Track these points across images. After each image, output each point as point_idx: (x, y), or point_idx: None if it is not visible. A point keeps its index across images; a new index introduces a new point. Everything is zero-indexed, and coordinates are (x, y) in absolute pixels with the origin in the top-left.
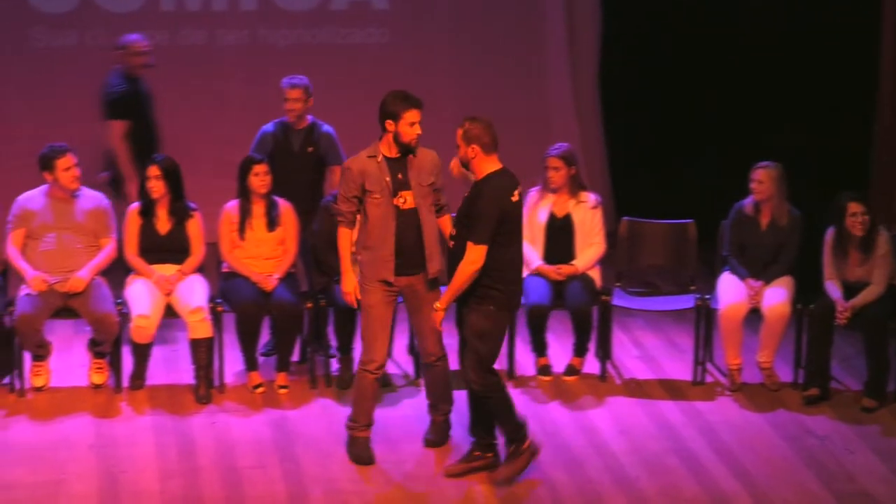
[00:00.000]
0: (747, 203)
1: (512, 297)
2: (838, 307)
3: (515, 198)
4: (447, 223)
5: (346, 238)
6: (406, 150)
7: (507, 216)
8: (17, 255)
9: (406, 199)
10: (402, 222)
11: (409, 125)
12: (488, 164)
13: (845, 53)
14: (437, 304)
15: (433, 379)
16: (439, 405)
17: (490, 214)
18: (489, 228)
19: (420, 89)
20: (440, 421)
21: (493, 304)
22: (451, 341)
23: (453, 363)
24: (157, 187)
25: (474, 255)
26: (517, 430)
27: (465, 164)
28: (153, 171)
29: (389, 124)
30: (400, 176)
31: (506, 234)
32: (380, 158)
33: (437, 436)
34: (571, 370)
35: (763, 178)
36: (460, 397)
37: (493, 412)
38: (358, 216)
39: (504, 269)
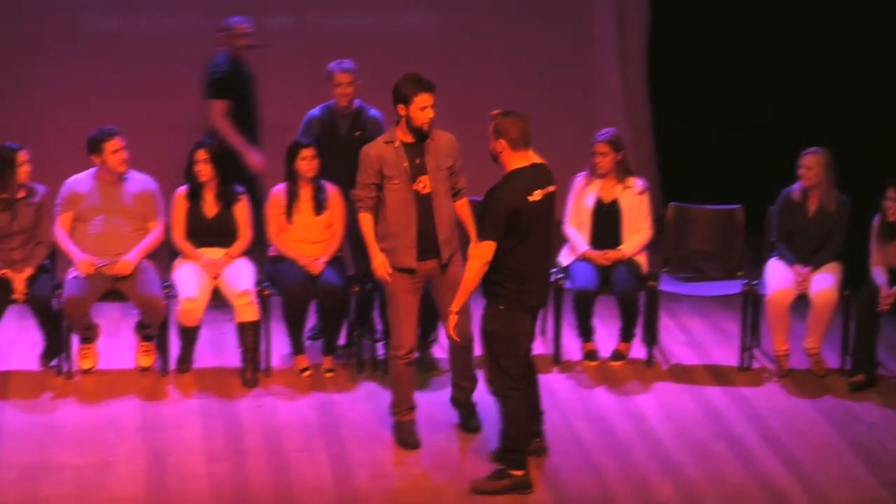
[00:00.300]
0: (795, 189)
1: (526, 297)
2: (882, 293)
3: (535, 196)
4: (464, 207)
5: (368, 221)
6: (419, 134)
7: (520, 214)
8: (65, 237)
9: (425, 184)
10: (422, 208)
11: (421, 109)
12: (516, 160)
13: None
14: (451, 308)
15: (454, 356)
16: (461, 382)
17: (498, 211)
18: (496, 225)
19: (467, 75)
20: (462, 398)
21: (504, 304)
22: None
23: None
24: (204, 171)
25: (479, 251)
26: (516, 450)
27: (494, 158)
28: (200, 154)
29: (401, 108)
30: (417, 161)
31: (519, 233)
32: (397, 144)
33: (464, 416)
34: (618, 355)
35: (812, 163)
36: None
37: (501, 417)
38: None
39: (515, 267)
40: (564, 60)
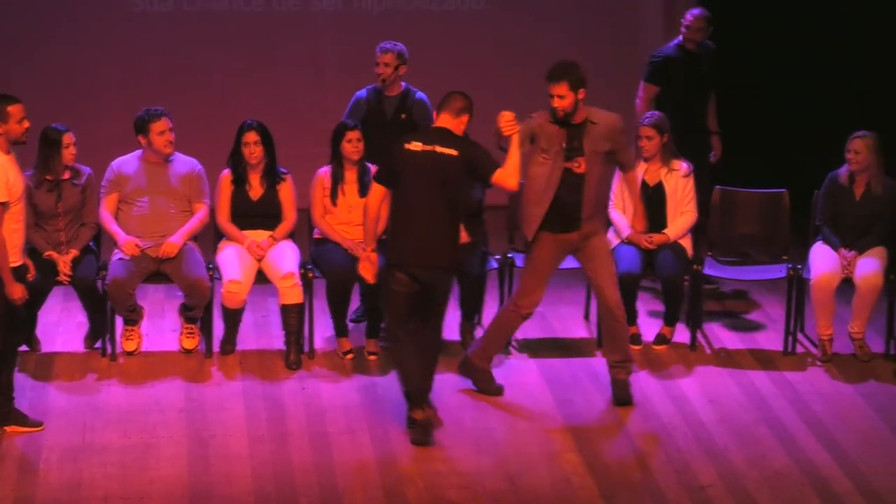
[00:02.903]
0: (842, 172)
1: (393, 253)
2: None
3: (413, 146)
4: (633, 180)
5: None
6: (559, 121)
7: (395, 161)
8: (110, 219)
9: (580, 164)
10: (572, 185)
11: (549, 97)
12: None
13: None
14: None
15: (608, 332)
16: (606, 356)
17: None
18: (380, 170)
19: (513, 58)
20: (622, 379)
21: (386, 258)
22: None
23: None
24: (255, 153)
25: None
26: (408, 394)
27: None
28: (251, 136)
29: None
30: (576, 142)
31: (397, 185)
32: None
33: (622, 393)
34: (661, 339)
35: (860, 147)
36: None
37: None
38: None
39: (393, 222)
40: (609, 42)
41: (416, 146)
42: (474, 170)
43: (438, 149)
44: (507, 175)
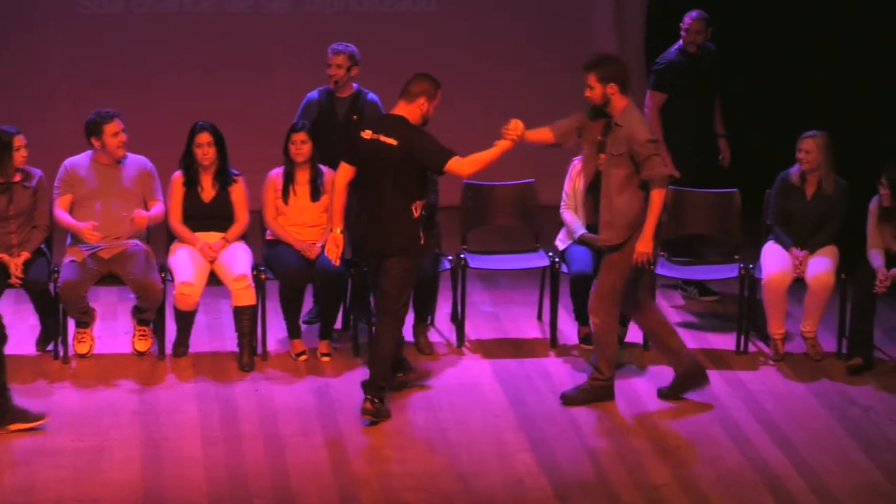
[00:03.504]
0: (793, 172)
1: (352, 227)
2: (879, 275)
3: (364, 134)
4: (653, 200)
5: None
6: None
7: (355, 151)
8: (66, 214)
9: (601, 161)
10: (597, 180)
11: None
12: None
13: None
14: None
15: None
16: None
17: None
18: (351, 148)
19: (465, 59)
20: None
21: None
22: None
23: None
24: (209, 154)
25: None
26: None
27: None
28: (204, 137)
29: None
30: (605, 138)
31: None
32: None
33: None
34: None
35: (810, 147)
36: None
37: None
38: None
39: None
40: (562, 43)
41: (366, 134)
42: (419, 160)
43: (382, 138)
44: (464, 163)
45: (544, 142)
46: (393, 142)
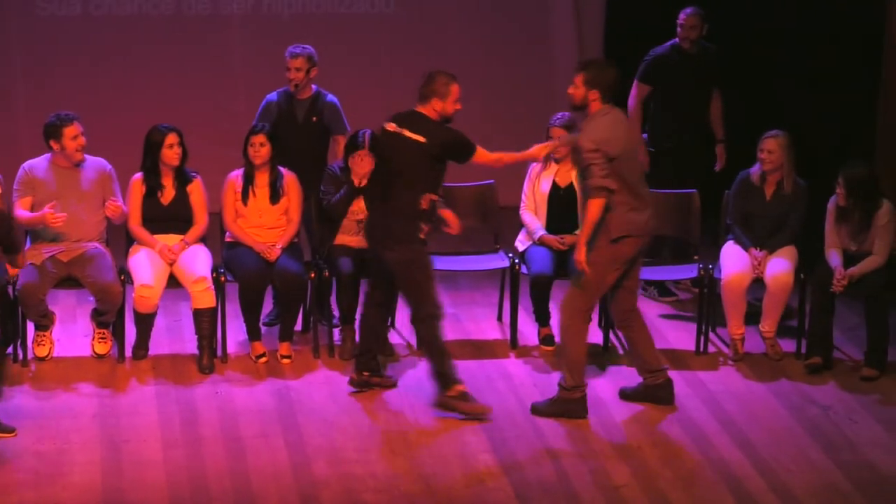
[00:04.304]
0: (753, 171)
1: None
2: (836, 275)
3: (388, 126)
4: (589, 207)
5: None
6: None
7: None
8: (26, 212)
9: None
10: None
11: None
12: None
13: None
14: None
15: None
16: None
17: None
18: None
19: (424, 59)
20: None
21: None
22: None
23: None
24: (176, 155)
25: None
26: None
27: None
28: (173, 138)
29: None
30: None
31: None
32: None
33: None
34: None
35: (773, 147)
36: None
37: None
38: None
39: None
40: (522, 42)
41: (390, 126)
42: (451, 154)
43: (406, 133)
44: (493, 156)
45: (529, 157)
46: (421, 139)
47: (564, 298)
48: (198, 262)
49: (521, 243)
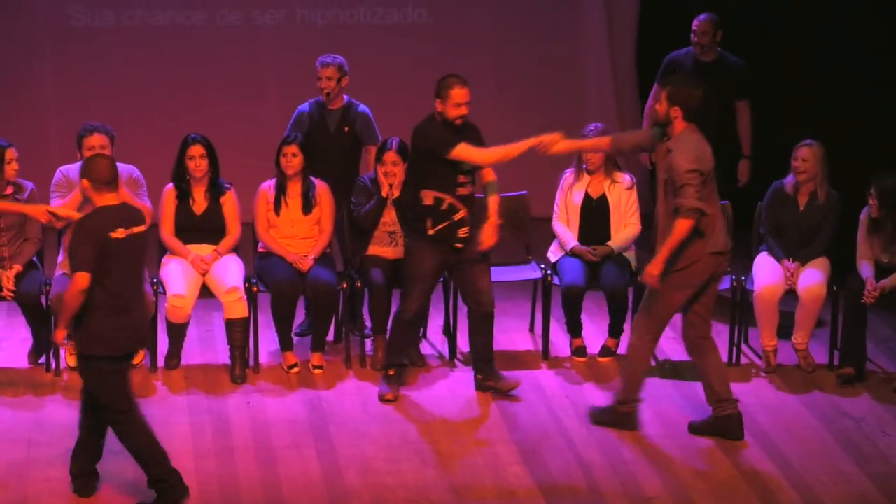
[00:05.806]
0: (787, 182)
1: None
2: (867, 286)
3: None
4: (677, 227)
5: None
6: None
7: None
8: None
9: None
10: None
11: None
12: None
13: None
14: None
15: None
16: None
17: None
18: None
19: (456, 70)
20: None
21: None
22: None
23: None
24: (201, 166)
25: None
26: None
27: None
28: (197, 149)
29: None
30: (655, 162)
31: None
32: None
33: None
34: (606, 351)
35: (808, 156)
36: None
37: None
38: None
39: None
40: (555, 53)
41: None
42: (427, 147)
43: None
44: (474, 152)
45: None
46: (414, 134)
47: (636, 318)
48: (230, 272)
49: (553, 254)
